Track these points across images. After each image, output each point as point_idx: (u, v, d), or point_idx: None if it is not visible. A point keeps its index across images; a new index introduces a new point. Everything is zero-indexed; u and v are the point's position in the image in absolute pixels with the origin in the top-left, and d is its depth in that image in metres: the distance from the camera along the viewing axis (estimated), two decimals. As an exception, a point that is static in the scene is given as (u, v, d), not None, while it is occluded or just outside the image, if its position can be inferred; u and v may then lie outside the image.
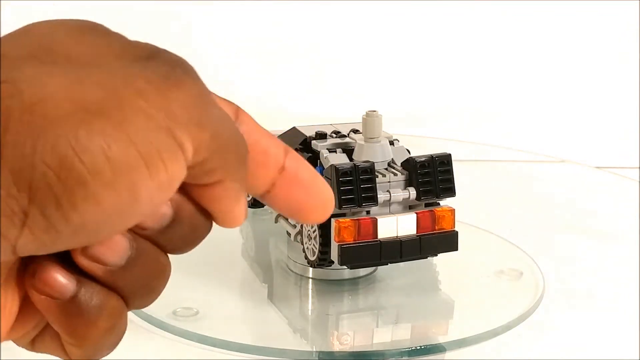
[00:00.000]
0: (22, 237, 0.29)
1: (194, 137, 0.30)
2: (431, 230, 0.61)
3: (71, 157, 0.28)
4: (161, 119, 0.30)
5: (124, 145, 0.29)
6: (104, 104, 0.29)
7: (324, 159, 0.62)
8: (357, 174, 0.59)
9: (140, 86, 0.30)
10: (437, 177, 0.61)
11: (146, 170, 0.29)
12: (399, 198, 0.61)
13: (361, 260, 0.60)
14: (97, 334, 0.32)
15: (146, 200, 0.30)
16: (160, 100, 0.30)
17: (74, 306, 0.32)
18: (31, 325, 0.34)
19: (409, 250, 0.60)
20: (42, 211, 0.28)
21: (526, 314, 0.63)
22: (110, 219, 0.29)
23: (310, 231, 0.62)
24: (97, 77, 0.30)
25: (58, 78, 0.29)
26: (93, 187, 0.29)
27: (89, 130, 0.28)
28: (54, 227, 0.29)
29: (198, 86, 0.31)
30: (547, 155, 0.98)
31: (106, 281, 0.32)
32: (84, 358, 0.34)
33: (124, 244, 0.32)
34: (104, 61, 0.30)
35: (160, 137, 0.30)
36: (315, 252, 0.61)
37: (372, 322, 0.65)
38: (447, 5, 1.17)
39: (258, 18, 1.18)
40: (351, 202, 0.59)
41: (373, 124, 0.62)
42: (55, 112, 0.28)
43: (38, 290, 0.31)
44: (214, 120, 0.31)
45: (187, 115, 0.30)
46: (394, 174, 0.61)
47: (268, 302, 0.67)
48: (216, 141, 0.31)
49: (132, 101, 0.29)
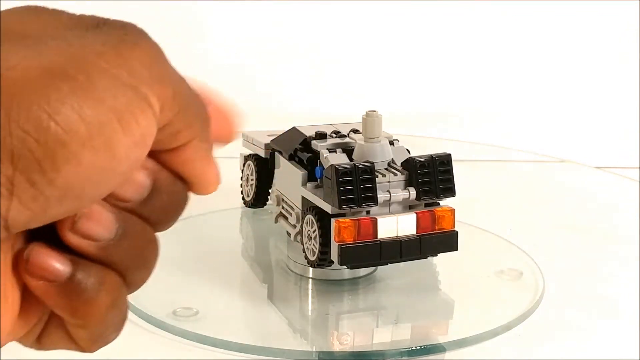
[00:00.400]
0: (12, 209, 0.29)
1: (157, 93, 0.31)
2: (431, 230, 0.61)
3: (46, 120, 0.29)
4: (124, 77, 0.31)
5: (93, 104, 0.30)
6: (68, 67, 0.30)
7: (324, 159, 0.62)
8: (357, 174, 0.59)
9: (99, 49, 0.31)
10: (437, 177, 0.61)
11: (119, 125, 0.30)
12: (399, 198, 0.61)
13: (361, 260, 0.60)
14: (100, 310, 0.33)
15: (123, 157, 0.31)
16: (120, 60, 0.31)
17: (72, 286, 0.32)
18: (34, 320, 0.34)
19: (409, 250, 0.60)
20: (27, 177, 0.29)
21: (526, 314, 0.63)
22: (92, 179, 0.30)
23: (310, 231, 0.62)
24: (56, 46, 0.31)
25: (20, 51, 0.30)
26: (71, 147, 0.30)
27: (59, 92, 0.30)
28: (41, 193, 0.30)
29: (153, 46, 0.32)
30: (547, 155, 0.98)
31: (100, 258, 0.33)
32: (92, 340, 0.34)
33: (110, 217, 0.33)
34: (58, 33, 0.31)
35: (127, 94, 0.31)
36: (315, 252, 0.61)
37: (372, 322, 0.65)
38: (448, 5, 1.17)
39: (258, 18, 1.18)
40: (351, 202, 0.59)
41: (373, 124, 0.62)
42: (24, 80, 0.29)
43: (34, 275, 0.32)
44: (173, 79, 0.33)
45: (148, 72, 0.31)
46: (394, 174, 0.61)
47: (268, 302, 0.67)
48: (178, 100, 0.32)
49: (93, 63, 0.30)
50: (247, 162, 0.73)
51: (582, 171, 0.94)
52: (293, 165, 0.65)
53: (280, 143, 0.68)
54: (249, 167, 0.73)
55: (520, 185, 0.91)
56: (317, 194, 0.62)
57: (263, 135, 0.72)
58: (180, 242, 0.74)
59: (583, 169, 0.94)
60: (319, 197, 0.61)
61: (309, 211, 0.62)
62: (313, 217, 0.61)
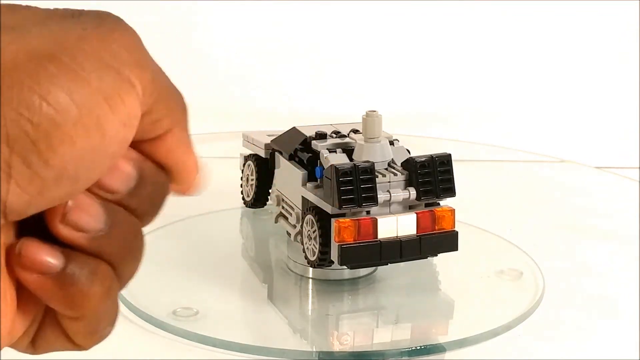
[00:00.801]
0: (10, 193, 0.30)
1: (139, 77, 0.32)
2: (431, 231, 0.61)
3: (38, 101, 0.30)
4: (107, 60, 0.31)
5: (81, 85, 0.31)
6: (54, 50, 0.31)
7: (324, 159, 0.62)
8: (358, 174, 0.59)
9: (80, 34, 0.31)
10: (437, 177, 0.61)
11: (107, 105, 0.31)
12: (399, 198, 0.61)
13: (361, 260, 0.60)
14: (94, 300, 0.33)
15: (113, 137, 0.32)
16: (101, 44, 0.32)
17: (66, 278, 0.33)
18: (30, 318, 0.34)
19: (409, 250, 0.60)
20: (24, 159, 0.30)
21: (526, 314, 0.63)
22: (86, 159, 0.31)
23: (310, 231, 0.62)
24: (38, 33, 0.31)
25: (4, 38, 0.31)
26: (65, 127, 0.30)
27: (48, 74, 0.30)
28: (38, 175, 0.30)
29: (132, 32, 0.33)
30: (547, 155, 0.98)
31: (91, 249, 0.33)
32: (88, 334, 0.35)
33: (99, 209, 0.33)
34: (39, 22, 0.32)
35: (112, 75, 0.31)
36: (315, 252, 0.61)
37: (372, 322, 0.65)
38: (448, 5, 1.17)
39: (258, 18, 1.18)
40: (351, 202, 0.59)
41: (373, 124, 0.62)
42: (12, 63, 0.30)
43: (27, 269, 0.32)
44: (151, 64, 0.33)
45: (129, 56, 0.32)
46: (394, 174, 0.61)
47: (268, 302, 0.67)
48: (157, 85, 0.33)
49: (76, 46, 0.31)
50: (247, 162, 0.73)
51: (582, 171, 0.94)
52: (293, 165, 0.65)
53: (280, 143, 0.68)
54: (249, 167, 0.73)
55: (520, 185, 0.91)
56: (317, 194, 0.62)
57: (263, 135, 0.72)
58: (181, 242, 0.74)
59: (583, 169, 0.94)
60: (319, 197, 0.61)
61: (309, 211, 0.62)
62: (313, 217, 0.61)
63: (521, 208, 0.84)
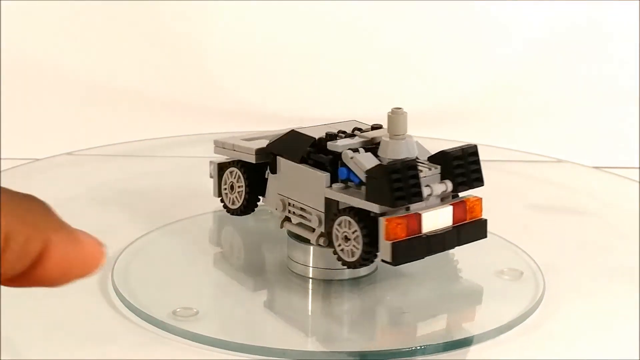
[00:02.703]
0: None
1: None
2: (464, 220, 0.62)
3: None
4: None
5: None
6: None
7: (348, 159, 0.62)
8: (405, 171, 0.59)
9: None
10: (469, 168, 0.62)
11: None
12: (438, 191, 0.61)
13: (410, 256, 0.61)
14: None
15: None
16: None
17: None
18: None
19: (449, 241, 0.62)
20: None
21: (526, 314, 0.64)
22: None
23: (348, 232, 0.61)
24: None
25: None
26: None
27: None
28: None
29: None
30: (546, 156, 0.98)
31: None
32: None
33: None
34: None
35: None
36: (356, 253, 0.61)
37: (372, 322, 0.65)
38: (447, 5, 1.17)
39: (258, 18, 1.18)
40: (402, 199, 0.59)
41: (399, 120, 0.62)
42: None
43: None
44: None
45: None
46: (429, 169, 0.62)
47: (268, 302, 0.67)
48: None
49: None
50: (230, 170, 0.72)
51: (580, 171, 0.94)
52: (308, 168, 0.64)
53: (283, 147, 0.67)
54: (234, 175, 0.72)
55: (520, 185, 0.91)
56: (352, 195, 0.61)
57: (241, 141, 0.71)
58: (181, 242, 0.74)
59: (582, 169, 0.94)
60: (357, 198, 0.61)
61: (343, 212, 0.61)
62: (352, 218, 0.61)
63: (521, 208, 0.84)
